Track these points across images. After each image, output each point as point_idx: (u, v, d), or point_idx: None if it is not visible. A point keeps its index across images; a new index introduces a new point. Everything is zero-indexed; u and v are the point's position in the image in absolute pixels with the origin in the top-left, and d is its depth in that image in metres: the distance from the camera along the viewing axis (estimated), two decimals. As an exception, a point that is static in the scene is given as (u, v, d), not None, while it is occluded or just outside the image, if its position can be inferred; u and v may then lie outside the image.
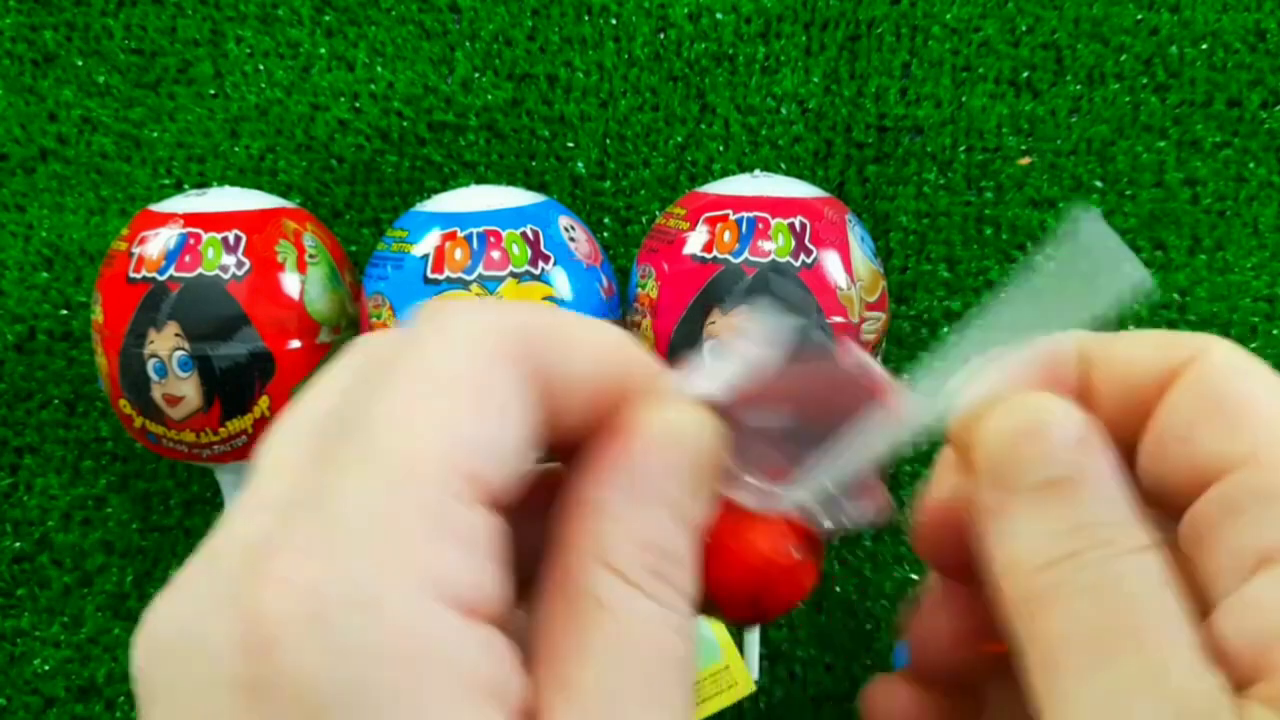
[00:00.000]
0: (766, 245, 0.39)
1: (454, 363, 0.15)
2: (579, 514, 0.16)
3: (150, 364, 0.39)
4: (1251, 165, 0.47)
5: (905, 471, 0.48)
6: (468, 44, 0.49)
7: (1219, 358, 0.18)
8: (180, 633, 0.14)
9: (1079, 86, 0.48)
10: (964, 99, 0.48)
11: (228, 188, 0.43)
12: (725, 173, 0.48)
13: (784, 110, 0.48)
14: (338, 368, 0.17)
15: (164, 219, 0.40)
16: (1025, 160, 0.48)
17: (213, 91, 0.50)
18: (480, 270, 0.39)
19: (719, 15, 0.49)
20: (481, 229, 0.39)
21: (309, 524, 0.14)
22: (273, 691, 0.13)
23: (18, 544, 0.48)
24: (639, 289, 0.42)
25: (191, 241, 0.39)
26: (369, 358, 0.16)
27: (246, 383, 0.39)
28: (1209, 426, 0.17)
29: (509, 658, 0.15)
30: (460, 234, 0.39)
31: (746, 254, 0.39)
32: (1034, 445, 0.17)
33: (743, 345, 0.18)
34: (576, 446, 0.17)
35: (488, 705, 0.14)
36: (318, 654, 0.13)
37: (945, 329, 0.47)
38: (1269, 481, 0.16)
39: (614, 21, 0.49)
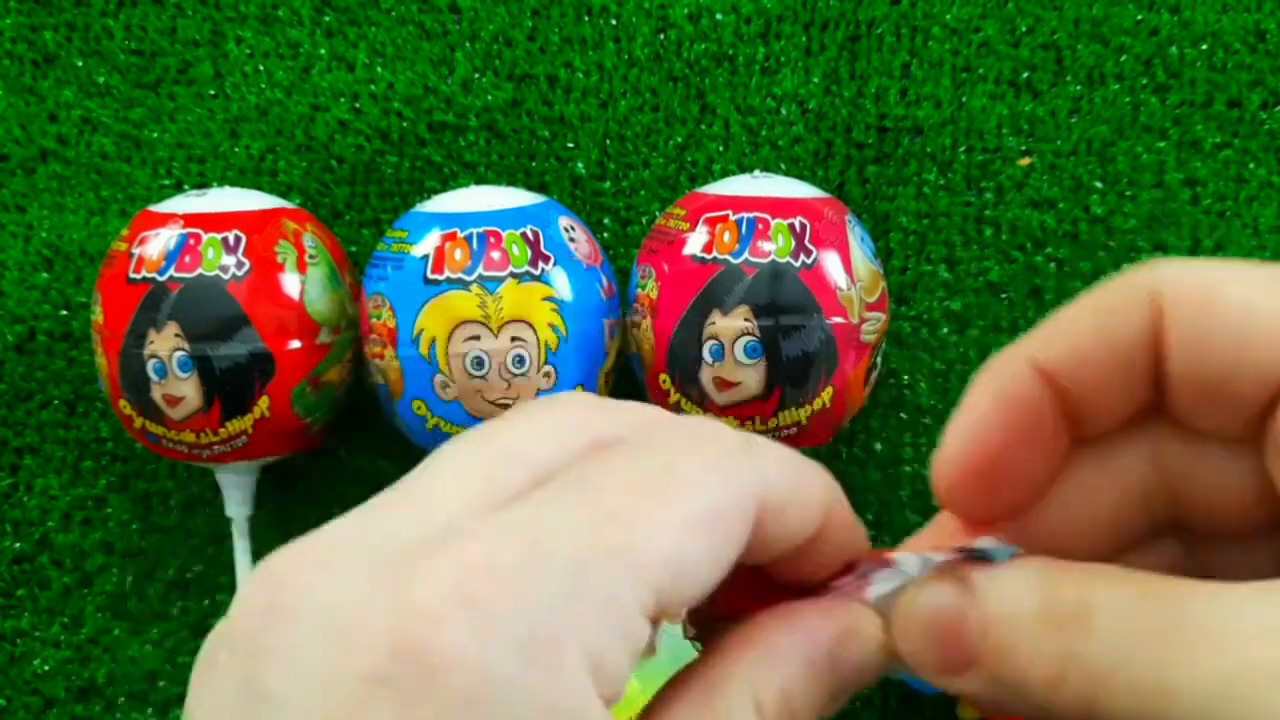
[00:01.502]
0: (766, 246, 0.39)
1: (707, 491, 0.16)
2: (738, 638, 0.18)
3: (150, 364, 0.39)
4: (1251, 166, 0.47)
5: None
6: (468, 44, 0.49)
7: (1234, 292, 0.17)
8: (324, 608, 0.14)
9: (1079, 87, 0.48)
10: (964, 99, 0.48)
11: (228, 188, 0.43)
12: (725, 173, 0.48)
13: (784, 111, 0.48)
14: (615, 408, 0.18)
15: (164, 219, 0.40)
16: (1025, 161, 0.48)
17: (213, 92, 0.50)
18: (480, 270, 0.39)
19: (719, 15, 0.49)
20: (481, 229, 0.39)
21: (510, 539, 0.14)
22: (442, 692, 0.13)
23: (18, 544, 0.48)
24: (639, 289, 0.42)
25: (191, 242, 0.39)
26: (649, 419, 0.17)
27: (246, 383, 0.39)
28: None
29: None
30: (460, 234, 0.39)
31: (746, 254, 0.39)
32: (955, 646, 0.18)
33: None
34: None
35: None
36: (486, 679, 0.13)
37: (945, 329, 0.47)
38: None
39: (614, 22, 0.49)
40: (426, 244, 0.39)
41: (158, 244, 0.40)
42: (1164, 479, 0.19)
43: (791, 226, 0.39)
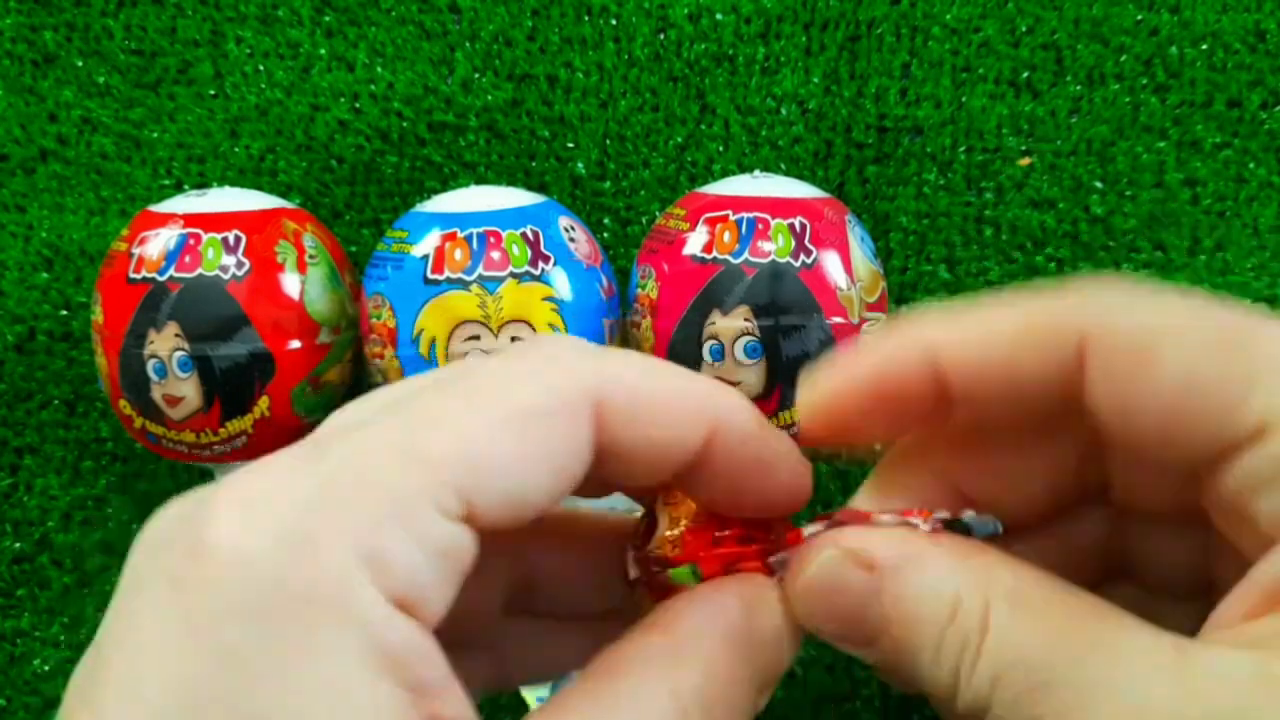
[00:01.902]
0: (766, 246, 0.39)
1: (521, 391, 0.16)
2: (658, 622, 0.17)
3: (150, 364, 0.39)
4: (1251, 165, 0.47)
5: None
6: (468, 44, 0.49)
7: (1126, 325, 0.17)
8: (155, 529, 0.16)
9: (1079, 87, 0.48)
10: (964, 99, 0.48)
11: (228, 188, 0.43)
12: (725, 173, 0.48)
13: (784, 111, 0.48)
14: (449, 366, 0.18)
15: (164, 219, 0.40)
16: (1025, 161, 0.48)
17: (213, 92, 0.50)
18: (480, 270, 0.39)
19: (719, 15, 0.49)
20: (481, 229, 0.39)
21: (302, 462, 0.15)
22: (193, 589, 0.14)
23: (18, 544, 0.48)
24: (639, 289, 0.42)
25: (191, 242, 0.39)
26: (466, 367, 0.17)
27: (246, 383, 0.39)
28: (1202, 415, 0.16)
29: (429, 654, 0.15)
30: (460, 234, 0.39)
31: (746, 254, 0.39)
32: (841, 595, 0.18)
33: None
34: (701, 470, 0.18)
35: (379, 672, 0.14)
36: (239, 568, 0.14)
37: (945, 329, 0.47)
38: None
39: (614, 22, 0.49)
40: (426, 244, 0.39)
41: (158, 244, 0.40)
42: (1094, 462, 0.19)
43: (791, 226, 0.39)
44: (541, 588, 0.22)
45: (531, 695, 0.40)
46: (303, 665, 0.14)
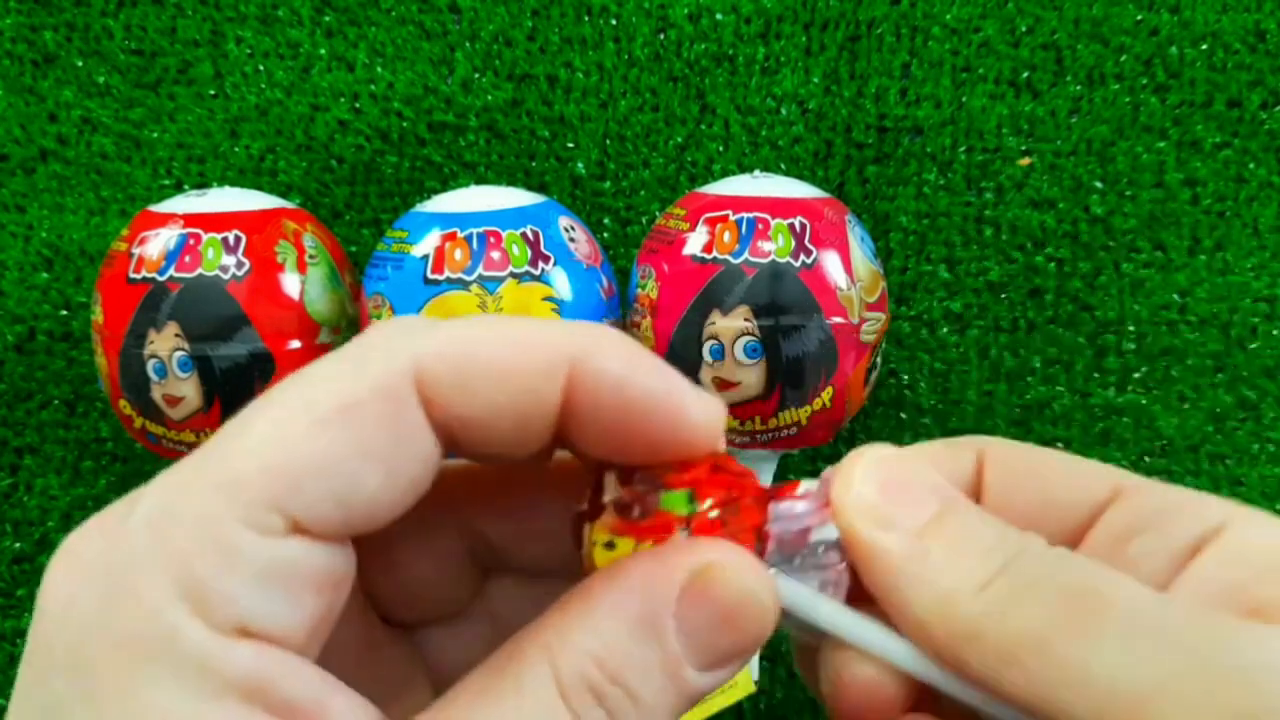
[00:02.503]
0: (766, 245, 0.39)
1: (326, 389, 0.15)
2: (566, 598, 0.16)
3: (150, 364, 0.39)
4: (1251, 165, 0.47)
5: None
6: (468, 44, 0.49)
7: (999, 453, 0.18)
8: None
9: (1079, 87, 0.48)
10: (964, 99, 0.48)
11: (228, 188, 0.43)
12: (725, 173, 0.48)
13: (784, 111, 0.48)
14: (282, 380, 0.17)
15: (164, 219, 0.40)
16: (1025, 161, 0.48)
17: (213, 92, 0.50)
18: (480, 271, 0.39)
19: (719, 15, 0.49)
20: (481, 229, 0.39)
21: (122, 510, 0.15)
22: (36, 647, 0.14)
23: (18, 544, 0.48)
24: (639, 289, 0.42)
25: (191, 242, 0.39)
26: (289, 377, 0.16)
27: (246, 383, 0.39)
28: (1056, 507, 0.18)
29: (290, 674, 0.14)
30: (460, 234, 0.39)
31: (746, 254, 0.39)
32: (905, 491, 0.17)
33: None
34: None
35: (222, 701, 0.14)
36: (63, 623, 0.14)
37: (945, 329, 0.47)
38: (1150, 501, 0.17)
39: (614, 22, 0.49)
40: (426, 244, 0.39)
41: (158, 244, 0.40)
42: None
43: (791, 226, 0.39)
44: (505, 548, 0.20)
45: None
46: (123, 707, 0.13)
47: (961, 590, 0.16)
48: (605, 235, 0.48)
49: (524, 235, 0.39)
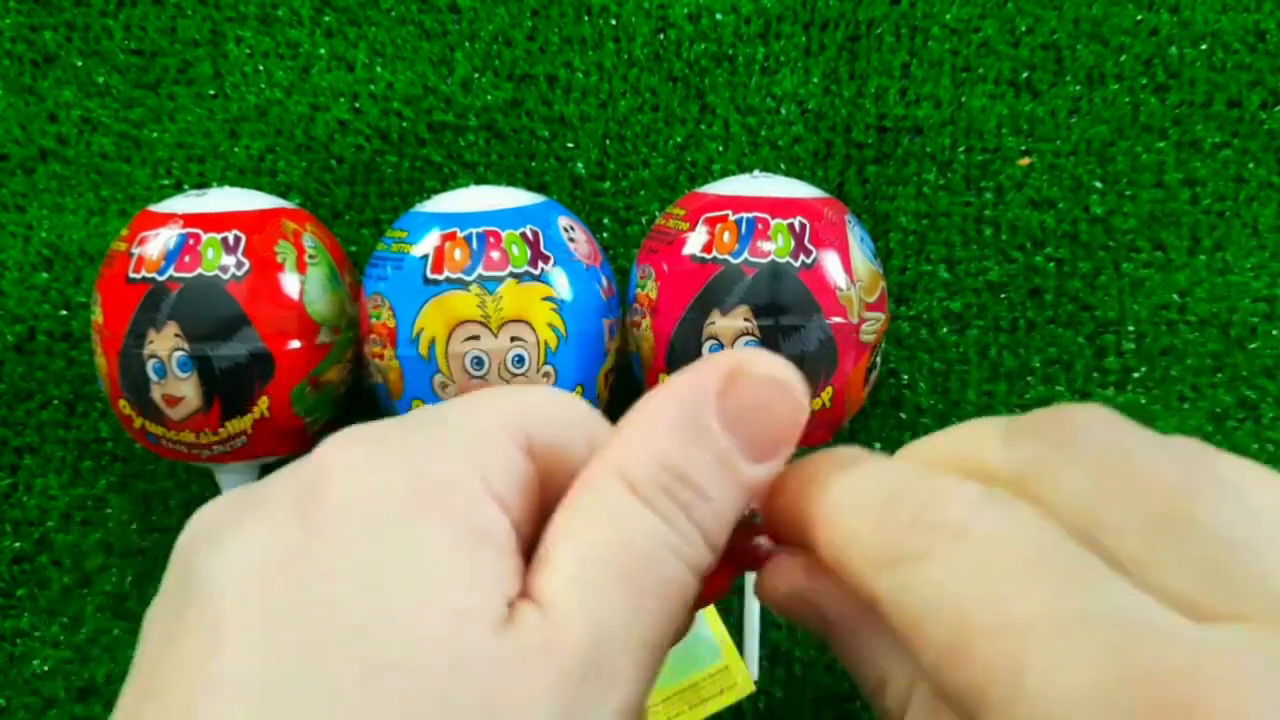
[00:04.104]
0: (766, 246, 0.39)
1: (527, 388, 0.19)
2: (621, 422, 0.18)
3: (150, 364, 0.39)
4: (1251, 165, 0.47)
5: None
6: (468, 44, 0.49)
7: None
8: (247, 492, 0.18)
9: (1079, 86, 0.48)
10: (964, 99, 0.48)
11: (227, 188, 0.43)
12: (725, 173, 0.48)
13: (784, 110, 0.48)
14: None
15: (164, 219, 0.40)
16: (1025, 161, 0.48)
17: (213, 92, 0.50)
18: (480, 270, 0.39)
19: (719, 15, 0.49)
20: (481, 229, 0.39)
21: (402, 426, 0.18)
22: (308, 494, 0.16)
23: (18, 544, 0.48)
24: (639, 289, 0.42)
25: (191, 242, 0.39)
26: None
27: (246, 383, 0.39)
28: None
29: (515, 538, 0.17)
30: (460, 234, 0.39)
31: (746, 254, 0.39)
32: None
33: None
34: None
35: (478, 543, 0.16)
36: (357, 477, 0.16)
37: (945, 329, 0.47)
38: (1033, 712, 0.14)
39: (614, 22, 0.49)
40: (426, 244, 0.39)
41: (158, 244, 0.40)
42: None
43: (791, 226, 0.39)
44: None
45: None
46: (412, 541, 0.16)
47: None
48: (605, 235, 0.48)
49: (524, 235, 0.39)
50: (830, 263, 0.39)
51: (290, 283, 0.40)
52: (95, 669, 0.47)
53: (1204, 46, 0.47)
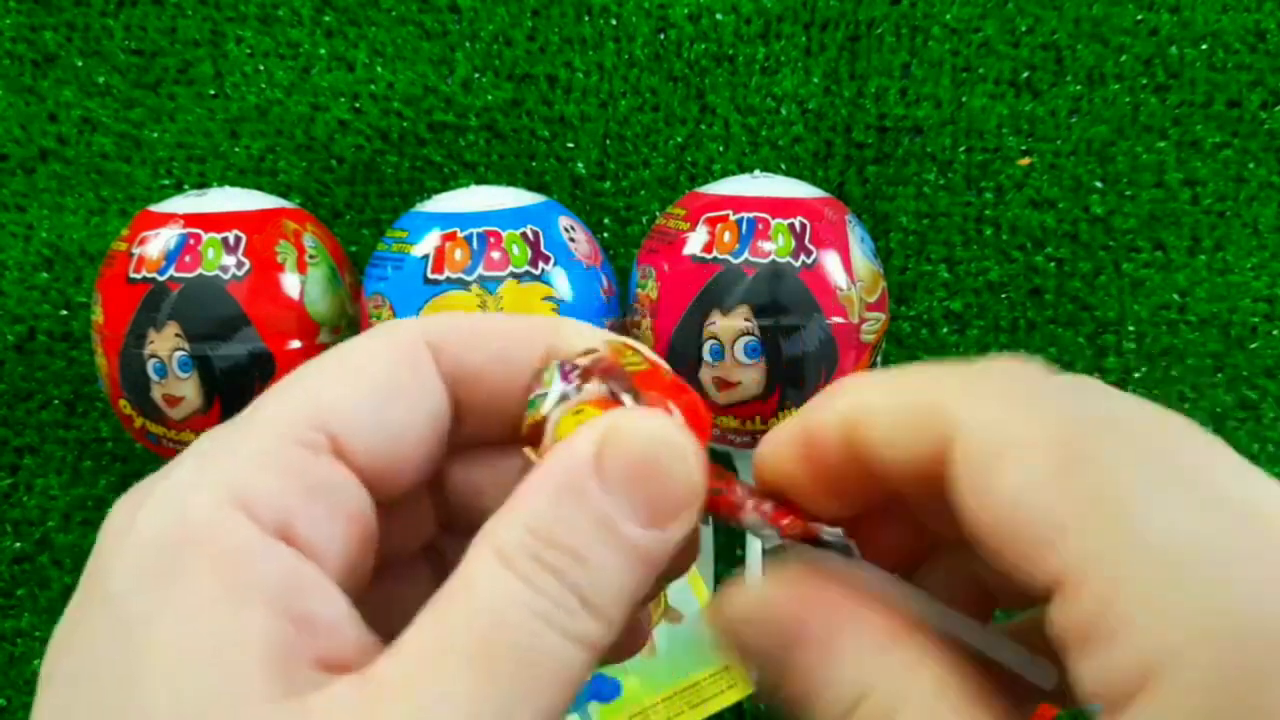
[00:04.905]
0: (766, 245, 0.39)
1: (356, 347, 0.18)
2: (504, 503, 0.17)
3: (150, 364, 0.39)
4: (1251, 165, 0.47)
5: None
6: (468, 44, 0.49)
7: (974, 446, 0.16)
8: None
9: (1079, 86, 0.48)
10: (964, 99, 0.48)
11: (228, 188, 0.43)
12: (725, 173, 0.48)
13: (784, 110, 0.48)
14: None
15: (164, 219, 0.40)
16: (1025, 161, 0.48)
17: (213, 92, 0.50)
18: (480, 270, 0.39)
19: (719, 15, 0.49)
20: (481, 229, 0.39)
21: (187, 457, 0.17)
22: (95, 567, 0.15)
23: (18, 544, 0.48)
24: (639, 289, 0.42)
25: (191, 242, 0.39)
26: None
27: (246, 383, 0.39)
28: (1009, 554, 0.15)
29: (319, 589, 0.15)
30: (460, 234, 0.39)
31: (746, 254, 0.39)
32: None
33: None
34: None
35: (250, 602, 0.14)
36: (121, 536, 0.15)
37: (945, 329, 0.47)
38: (1091, 612, 0.14)
39: (614, 22, 0.49)
40: (426, 244, 0.39)
41: (158, 244, 0.40)
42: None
43: (791, 226, 0.39)
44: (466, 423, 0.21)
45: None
46: (172, 600, 0.14)
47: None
48: (605, 235, 0.48)
49: (524, 235, 0.39)
50: (830, 263, 0.39)
51: (290, 283, 0.40)
52: (95, 669, 0.47)
53: (1204, 46, 0.47)
